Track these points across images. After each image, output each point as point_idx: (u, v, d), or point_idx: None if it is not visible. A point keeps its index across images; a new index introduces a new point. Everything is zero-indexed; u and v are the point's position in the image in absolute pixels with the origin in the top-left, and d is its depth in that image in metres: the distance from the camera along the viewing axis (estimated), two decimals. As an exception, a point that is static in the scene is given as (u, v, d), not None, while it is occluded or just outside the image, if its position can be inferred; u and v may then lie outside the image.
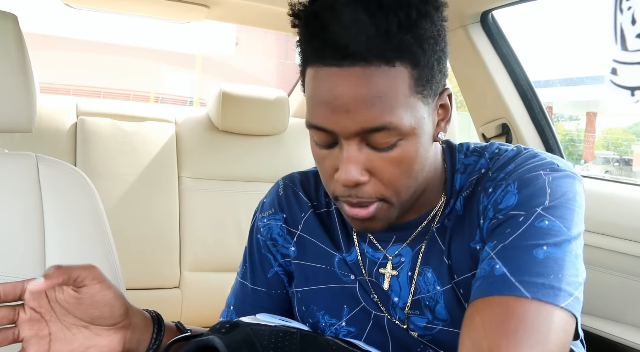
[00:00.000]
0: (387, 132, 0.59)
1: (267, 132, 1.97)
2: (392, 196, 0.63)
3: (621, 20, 0.68)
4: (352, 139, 0.61)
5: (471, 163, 0.72)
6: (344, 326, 0.74)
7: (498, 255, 0.59)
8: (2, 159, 0.84)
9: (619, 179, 1.53)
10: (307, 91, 0.65)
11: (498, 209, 0.63)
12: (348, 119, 0.59)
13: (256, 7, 1.70)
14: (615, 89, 0.71)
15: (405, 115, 0.60)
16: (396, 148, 0.61)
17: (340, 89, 0.59)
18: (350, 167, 0.61)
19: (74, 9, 1.73)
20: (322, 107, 0.61)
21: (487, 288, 0.57)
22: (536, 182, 0.62)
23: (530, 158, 0.66)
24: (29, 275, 0.78)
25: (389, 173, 0.62)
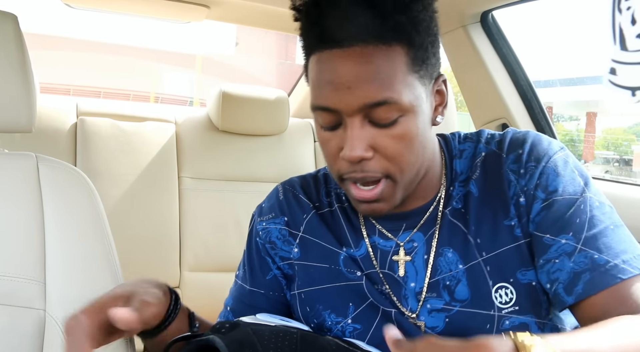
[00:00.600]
0: (388, 107, 0.63)
1: (267, 132, 1.97)
2: (397, 172, 0.67)
3: (620, 20, 0.69)
4: (355, 117, 0.64)
5: (466, 148, 0.76)
6: (349, 323, 0.75)
7: (588, 246, 0.65)
8: (2, 159, 0.84)
9: (619, 179, 1.53)
10: (311, 78, 0.69)
11: (549, 191, 0.69)
12: (350, 95, 0.63)
13: (256, 7, 1.70)
14: (614, 89, 0.71)
15: (404, 92, 0.64)
16: (397, 124, 0.65)
17: (342, 68, 0.63)
18: (355, 143, 0.64)
19: (74, 9, 1.73)
20: (325, 87, 0.65)
21: (602, 280, 0.64)
22: (566, 166, 0.70)
23: (537, 140, 0.72)
24: (28, 275, 0.78)
25: (392, 148, 0.65)
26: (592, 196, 0.69)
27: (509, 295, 0.69)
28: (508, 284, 0.69)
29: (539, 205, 0.69)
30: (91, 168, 1.71)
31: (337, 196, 0.81)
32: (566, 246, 0.66)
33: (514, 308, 0.69)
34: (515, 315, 0.68)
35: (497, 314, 0.69)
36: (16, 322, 0.77)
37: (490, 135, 0.76)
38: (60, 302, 0.79)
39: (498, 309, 0.69)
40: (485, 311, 0.69)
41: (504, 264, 0.69)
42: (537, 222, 0.69)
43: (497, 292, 0.69)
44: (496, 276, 0.69)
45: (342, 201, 0.80)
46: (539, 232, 0.69)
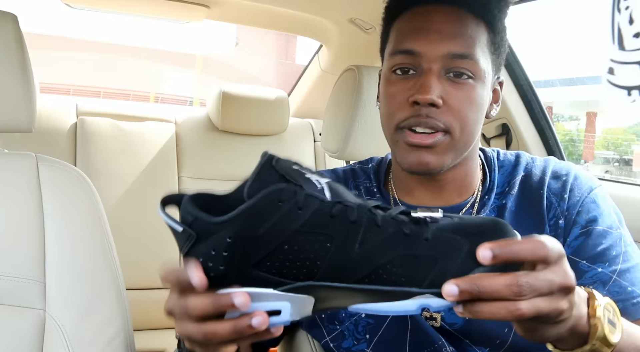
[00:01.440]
0: (468, 62, 0.69)
1: (267, 132, 1.98)
2: (457, 128, 0.70)
3: (619, 20, 0.69)
4: (435, 64, 0.69)
5: (504, 165, 0.80)
6: (363, 317, 0.75)
7: (621, 277, 0.69)
8: (2, 159, 0.84)
9: (619, 179, 1.53)
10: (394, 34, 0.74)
11: (589, 219, 0.72)
12: (439, 41, 0.69)
13: (256, 7, 1.70)
14: (612, 89, 0.71)
15: (482, 58, 0.70)
16: (468, 85, 0.70)
17: (436, 17, 0.70)
18: (430, 87, 0.68)
19: (74, 9, 1.73)
20: (415, 32, 0.71)
21: (633, 310, 0.67)
22: (605, 200, 0.74)
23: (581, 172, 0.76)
24: (29, 275, 0.78)
25: (459, 104, 0.69)
26: (625, 234, 0.72)
27: None
28: None
29: (578, 230, 0.71)
30: (91, 168, 1.71)
31: (366, 189, 0.82)
32: (602, 275, 0.69)
33: None
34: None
35: None
36: (16, 322, 0.77)
37: (531, 159, 0.79)
38: (60, 302, 0.79)
39: None
40: None
41: None
42: (575, 247, 0.71)
43: None
44: None
45: (372, 194, 0.82)
46: (576, 257, 0.71)
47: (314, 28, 1.86)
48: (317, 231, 0.44)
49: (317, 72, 2.14)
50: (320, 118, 1.99)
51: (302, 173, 0.46)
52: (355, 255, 0.44)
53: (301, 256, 0.44)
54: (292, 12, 1.71)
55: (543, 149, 1.53)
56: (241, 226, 0.43)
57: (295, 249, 0.44)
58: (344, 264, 0.44)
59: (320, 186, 0.45)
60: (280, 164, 0.45)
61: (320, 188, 0.45)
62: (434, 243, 0.45)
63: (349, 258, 0.44)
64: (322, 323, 0.78)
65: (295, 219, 0.44)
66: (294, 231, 0.44)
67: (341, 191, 0.47)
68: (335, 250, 0.44)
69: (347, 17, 1.67)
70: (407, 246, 0.45)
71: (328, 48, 2.00)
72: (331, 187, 0.46)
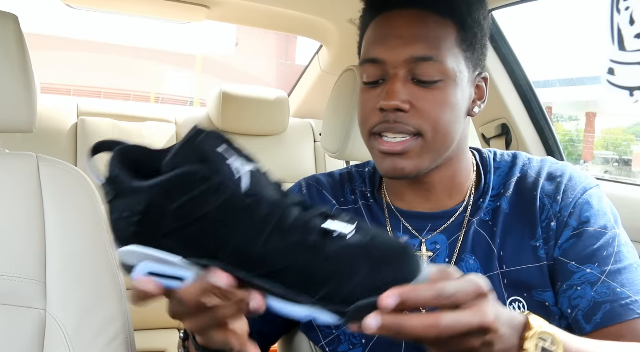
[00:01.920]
0: (432, 64, 0.68)
1: (267, 132, 1.98)
2: (428, 130, 0.69)
3: (618, 20, 0.69)
4: (400, 70, 0.69)
5: (501, 166, 0.78)
6: None
7: (611, 278, 0.67)
8: (3, 159, 0.84)
9: (619, 179, 1.53)
10: (365, 41, 0.74)
11: (581, 221, 0.70)
12: (400, 46, 0.68)
13: (256, 7, 1.71)
14: (612, 89, 0.71)
15: (449, 58, 0.69)
16: (437, 87, 0.68)
17: (397, 23, 0.70)
18: (395, 93, 0.68)
19: (74, 9, 1.73)
20: (378, 40, 0.71)
21: (621, 312, 0.65)
22: (599, 201, 0.72)
23: (576, 172, 0.75)
24: (29, 275, 0.78)
25: (428, 107, 0.68)
26: (620, 233, 0.71)
27: (521, 308, 0.70)
28: (521, 298, 0.70)
29: (569, 232, 0.70)
30: (91, 168, 1.71)
31: (362, 193, 0.82)
32: (590, 275, 0.68)
33: None
34: None
35: None
36: (16, 322, 0.77)
37: (528, 159, 0.78)
38: (60, 301, 0.79)
39: None
40: None
41: (521, 281, 0.71)
42: (565, 249, 0.70)
43: (511, 305, 0.70)
44: (510, 289, 0.71)
45: (367, 198, 0.81)
46: (565, 258, 0.70)
47: (314, 28, 1.86)
48: (225, 219, 0.44)
49: (317, 72, 2.14)
50: (320, 118, 1.99)
51: (224, 158, 0.44)
52: (257, 251, 0.44)
53: (208, 237, 0.45)
54: (292, 12, 1.71)
55: (542, 149, 1.53)
56: (154, 197, 0.44)
57: (202, 230, 0.44)
58: (246, 256, 0.44)
59: (237, 175, 0.44)
60: (204, 144, 0.44)
61: (237, 177, 0.44)
62: (332, 261, 0.44)
63: (250, 252, 0.44)
64: (318, 327, 0.78)
65: (205, 204, 0.44)
66: (203, 214, 0.44)
67: (263, 183, 0.46)
68: (239, 241, 0.44)
69: (347, 17, 1.67)
70: (306, 257, 0.44)
71: (328, 48, 2.00)
72: (253, 177, 0.45)
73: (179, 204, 0.44)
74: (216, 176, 0.44)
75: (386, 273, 0.43)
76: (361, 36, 0.77)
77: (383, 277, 0.43)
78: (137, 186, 0.44)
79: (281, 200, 0.45)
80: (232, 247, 0.44)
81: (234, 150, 0.46)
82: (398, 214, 0.78)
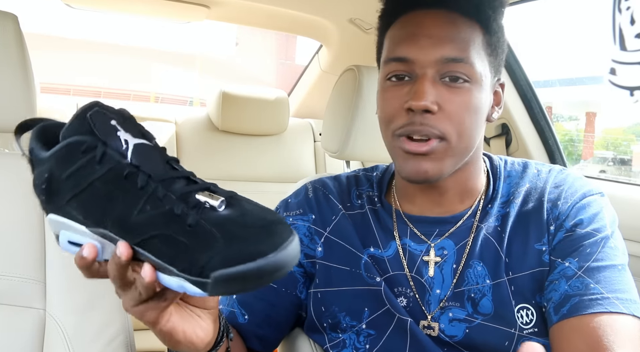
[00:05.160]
0: (462, 66, 0.67)
1: (267, 132, 1.98)
2: (453, 134, 0.68)
3: (620, 20, 0.69)
4: (429, 70, 0.67)
5: (511, 175, 0.78)
6: (364, 328, 0.75)
7: (587, 274, 0.66)
8: (2, 159, 0.84)
9: (615, 178, 1.53)
10: (388, 42, 0.73)
11: (574, 223, 0.70)
12: (431, 47, 0.67)
13: (256, 7, 1.71)
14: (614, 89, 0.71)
15: (477, 61, 0.68)
16: (464, 89, 0.68)
17: (427, 23, 0.69)
18: (424, 93, 0.66)
19: (74, 9, 1.73)
20: (407, 39, 0.69)
21: (588, 305, 0.64)
22: (598, 208, 0.72)
23: (580, 180, 0.75)
24: (29, 275, 0.78)
25: (455, 108, 0.67)
26: (614, 239, 0.70)
27: (529, 316, 0.70)
28: (529, 305, 0.70)
29: (562, 234, 0.70)
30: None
31: (369, 198, 0.81)
32: (567, 270, 0.68)
33: (534, 330, 0.69)
34: (534, 337, 0.69)
35: (517, 333, 0.69)
36: (16, 322, 0.77)
37: (537, 171, 0.78)
38: (60, 302, 0.79)
39: (520, 328, 0.69)
40: (507, 328, 0.69)
41: (527, 287, 0.70)
42: (556, 249, 0.70)
43: (519, 312, 0.70)
44: (518, 296, 0.70)
45: (374, 203, 0.81)
46: (554, 256, 0.70)
47: (314, 28, 1.86)
48: (109, 188, 0.47)
49: (317, 72, 2.14)
50: (320, 118, 1.99)
51: (114, 130, 0.48)
52: (133, 220, 0.46)
53: (96, 206, 0.47)
54: (292, 12, 1.71)
55: (543, 149, 1.53)
56: (52, 166, 0.48)
57: (91, 199, 0.47)
58: (126, 224, 0.46)
59: (125, 146, 0.47)
60: (96, 116, 0.48)
61: (124, 148, 0.47)
62: (191, 232, 0.45)
63: (128, 221, 0.46)
64: (325, 330, 0.78)
65: (92, 172, 0.47)
66: (91, 182, 0.47)
67: (151, 157, 0.48)
68: (119, 210, 0.46)
69: (347, 17, 1.67)
70: (170, 226, 0.45)
71: (328, 48, 2.00)
72: (139, 149, 0.48)
73: (70, 173, 0.47)
74: (101, 147, 0.47)
75: (243, 250, 0.43)
76: (381, 35, 0.76)
77: (238, 250, 0.43)
78: (43, 157, 0.49)
79: (164, 172, 0.47)
80: (115, 216, 0.46)
81: (128, 126, 0.49)
82: (406, 219, 0.77)
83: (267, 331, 0.80)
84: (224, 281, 0.43)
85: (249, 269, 0.42)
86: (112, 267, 0.47)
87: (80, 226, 0.48)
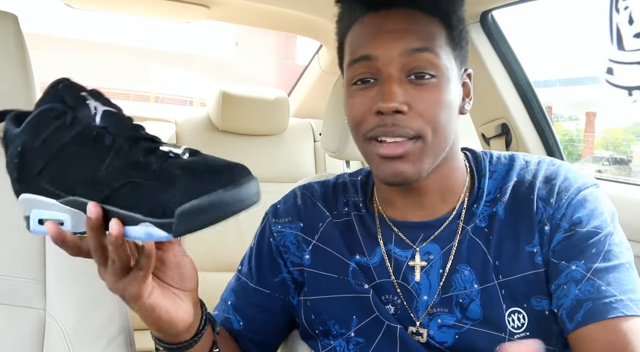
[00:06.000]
0: (428, 56, 0.66)
1: (267, 132, 1.98)
2: (428, 132, 0.66)
3: (617, 20, 0.69)
4: (394, 67, 0.66)
5: (497, 170, 0.75)
6: (353, 336, 0.74)
7: (597, 276, 0.64)
8: (2, 159, 0.84)
9: (611, 178, 1.52)
10: (350, 42, 0.72)
11: (573, 222, 0.68)
12: (393, 40, 0.66)
13: (256, 7, 1.71)
14: (611, 89, 0.71)
15: (442, 53, 0.67)
16: (432, 85, 0.66)
17: (388, 21, 0.68)
18: (392, 94, 0.65)
19: (74, 9, 1.73)
20: (368, 38, 0.68)
21: (603, 310, 0.62)
22: (595, 201, 0.69)
23: (572, 173, 0.72)
24: (29, 275, 0.78)
25: (426, 106, 0.66)
26: (616, 233, 0.68)
27: (521, 320, 0.68)
28: (521, 309, 0.68)
29: (561, 235, 0.68)
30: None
31: (354, 204, 0.80)
32: (575, 273, 0.65)
33: (525, 334, 0.68)
34: None
35: (508, 337, 0.68)
36: (16, 322, 0.77)
37: (525, 162, 0.75)
38: (60, 301, 0.79)
39: (510, 333, 0.68)
40: (497, 333, 0.68)
41: (520, 290, 0.68)
42: (557, 251, 0.68)
43: (510, 317, 0.68)
44: (510, 300, 0.68)
45: (359, 209, 0.79)
46: (555, 259, 0.67)
47: (314, 28, 1.86)
48: (80, 149, 0.49)
49: (317, 72, 2.14)
50: (320, 118, 1.99)
51: (83, 99, 0.50)
52: (102, 174, 0.48)
53: (67, 171, 0.49)
54: (292, 12, 1.71)
55: (543, 149, 1.53)
56: (25, 137, 0.50)
57: (64, 162, 0.49)
58: (94, 181, 0.49)
59: (94, 112, 0.50)
60: (67, 88, 0.51)
61: (93, 113, 0.50)
62: (157, 175, 0.47)
63: (96, 176, 0.48)
64: (317, 337, 0.78)
65: (62, 135, 0.49)
66: (62, 145, 0.49)
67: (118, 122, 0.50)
68: (89, 168, 0.49)
69: (347, 17, 1.67)
70: (136, 174, 0.48)
71: (328, 48, 2.00)
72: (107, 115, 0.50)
73: (41, 140, 0.49)
74: (72, 112, 0.49)
75: (204, 182, 0.46)
76: (341, 42, 0.74)
77: (199, 185, 0.46)
78: (15, 132, 0.51)
79: (130, 132, 0.50)
80: (84, 176, 0.49)
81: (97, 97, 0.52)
82: (390, 224, 0.76)
83: (263, 337, 0.80)
84: (186, 215, 0.45)
85: (210, 200, 0.45)
86: (89, 235, 0.49)
87: (50, 200, 0.50)
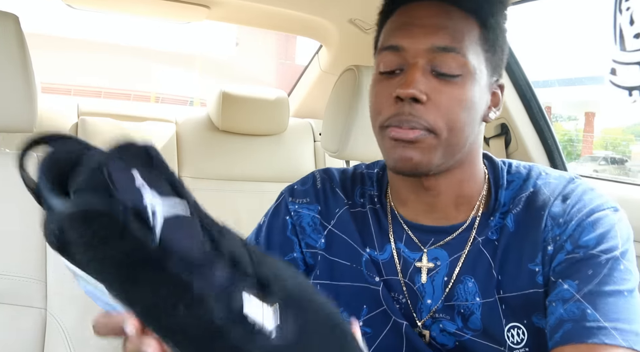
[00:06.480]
0: (454, 57, 0.65)
1: (267, 132, 1.98)
2: (443, 128, 0.65)
3: (620, 21, 0.69)
4: (420, 59, 0.66)
5: (514, 180, 0.73)
6: (361, 326, 0.74)
7: (586, 299, 0.61)
8: (3, 159, 0.84)
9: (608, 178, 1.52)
10: (383, 33, 0.72)
11: (578, 245, 0.65)
12: (422, 36, 0.66)
13: (256, 7, 1.71)
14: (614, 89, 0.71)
15: (471, 54, 0.66)
16: (457, 83, 0.65)
17: (420, 13, 0.68)
18: (413, 81, 0.64)
19: (75, 9, 1.73)
20: (399, 28, 0.68)
21: (582, 333, 0.59)
22: (608, 223, 0.66)
23: (590, 193, 0.69)
24: (30, 274, 0.79)
25: (446, 101, 0.65)
26: (624, 259, 0.63)
27: (520, 335, 0.67)
28: (521, 324, 0.67)
29: (563, 256, 0.65)
30: (91, 168, 1.71)
31: (370, 197, 0.80)
32: (565, 292, 0.62)
33: (525, 349, 0.67)
34: None
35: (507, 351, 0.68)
36: (17, 321, 0.77)
37: (545, 174, 0.73)
38: (60, 301, 0.79)
39: (510, 347, 0.67)
40: (496, 346, 0.68)
41: (520, 307, 0.67)
42: (557, 271, 0.65)
43: (510, 332, 0.68)
44: (510, 315, 0.68)
45: (374, 203, 0.79)
46: (554, 278, 0.66)
47: (314, 28, 1.86)
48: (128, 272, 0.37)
49: (317, 72, 2.14)
50: (320, 118, 1.99)
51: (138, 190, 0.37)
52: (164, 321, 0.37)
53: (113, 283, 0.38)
54: (292, 12, 1.71)
55: (542, 149, 1.53)
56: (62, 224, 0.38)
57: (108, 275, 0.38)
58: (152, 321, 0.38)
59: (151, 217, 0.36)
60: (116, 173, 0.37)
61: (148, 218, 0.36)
62: None
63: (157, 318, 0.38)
64: None
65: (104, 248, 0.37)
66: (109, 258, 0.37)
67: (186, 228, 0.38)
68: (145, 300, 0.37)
69: (346, 17, 1.67)
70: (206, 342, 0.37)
71: (328, 48, 2.00)
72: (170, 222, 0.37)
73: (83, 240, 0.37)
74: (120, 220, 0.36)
75: None
76: (379, 31, 0.75)
77: None
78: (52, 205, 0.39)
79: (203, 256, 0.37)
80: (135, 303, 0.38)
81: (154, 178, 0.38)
82: (402, 222, 0.75)
83: None
84: None
85: None
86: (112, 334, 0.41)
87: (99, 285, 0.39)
